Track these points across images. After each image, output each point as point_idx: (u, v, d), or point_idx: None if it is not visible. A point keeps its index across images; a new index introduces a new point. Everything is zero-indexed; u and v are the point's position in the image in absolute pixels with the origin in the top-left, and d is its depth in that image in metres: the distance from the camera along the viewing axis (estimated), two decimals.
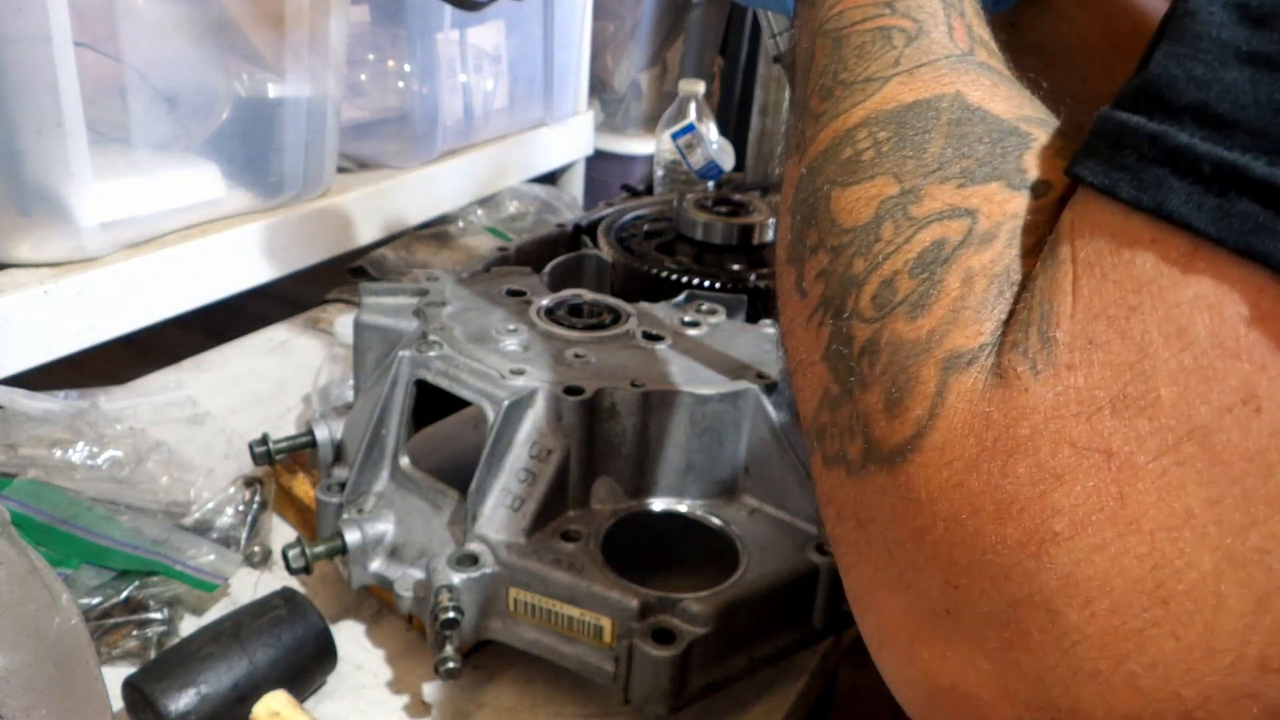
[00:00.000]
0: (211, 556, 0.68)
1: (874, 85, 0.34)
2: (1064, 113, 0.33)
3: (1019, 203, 0.28)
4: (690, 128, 1.19)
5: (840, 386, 0.29)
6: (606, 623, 0.55)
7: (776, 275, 0.35)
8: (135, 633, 0.63)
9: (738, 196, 0.89)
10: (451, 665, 0.55)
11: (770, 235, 0.85)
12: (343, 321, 0.84)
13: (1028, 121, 0.31)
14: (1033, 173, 0.29)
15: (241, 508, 0.73)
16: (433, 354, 0.63)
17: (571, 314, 0.71)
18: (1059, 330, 0.24)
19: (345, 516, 0.62)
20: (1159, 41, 0.25)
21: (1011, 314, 0.26)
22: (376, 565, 0.62)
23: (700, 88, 1.23)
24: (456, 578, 0.55)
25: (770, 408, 0.61)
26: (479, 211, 1.30)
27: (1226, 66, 0.23)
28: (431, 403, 0.64)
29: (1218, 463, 0.21)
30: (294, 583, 0.69)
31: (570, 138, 1.46)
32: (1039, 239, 0.27)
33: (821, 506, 0.31)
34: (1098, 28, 0.55)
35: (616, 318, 0.70)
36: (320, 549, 0.61)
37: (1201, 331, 0.22)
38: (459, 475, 0.61)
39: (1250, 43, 0.23)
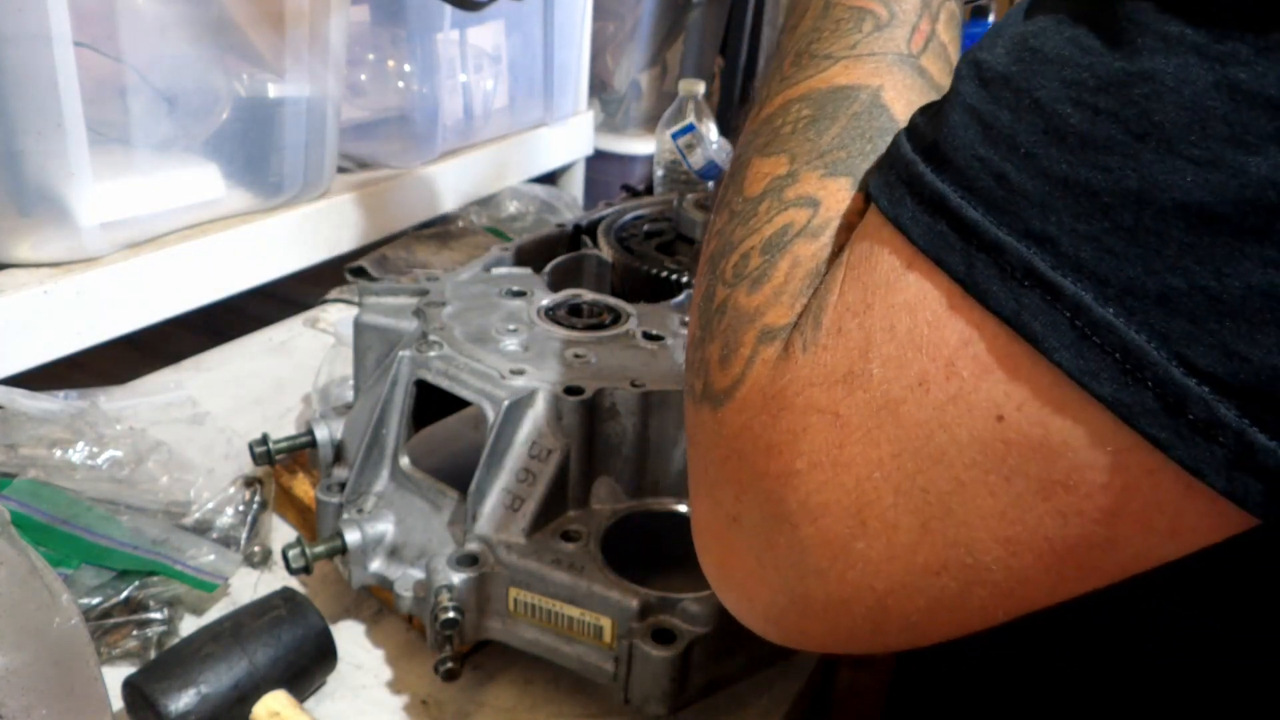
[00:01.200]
0: (211, 556, 0.68)
1: (826, 64, 0.38)
2: None
3: (856, 202, 0.33)
4: (690, 128, 1.19)
5: (701, 333, 0.35)
6: (606, 623, 0.55)
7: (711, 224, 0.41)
8: (135, 633, 0.63)
9: None
10: (451, 665, 0.55)
11: None
12: (343, 321, 0.84)
13: None
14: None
15: (241, 508, 0.73)
16: (433, 354, 0.63)
17: (571, 314, 0.71)
18: (824, 317, 0.30)
19: (345, 516, 0.62)
20: None
21: (809, 301, 0.32)
22: (376, 565, 0.62)
23: (700, 88, 1.23)
24: (456, 578, 0.55)
25: None
26: (479, 211, 1.30)
27: (955, 111, 0.29)
28: (431, 403, 0.64)
29: (900, 427, 0.28)
30: (294, 583, 0.69)
31: (570, 138, 1.46)
32: (848, 240, 0.32)
33: (685, 425, 0.37)
34: None
35: (616, 318, 0.70)
36: (320, 549, 0.61)
37: (903, 329, 0.28)
38: (459, 475, 0.61)
39: (971, 96, 0.29)
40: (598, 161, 1.55)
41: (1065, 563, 0.28)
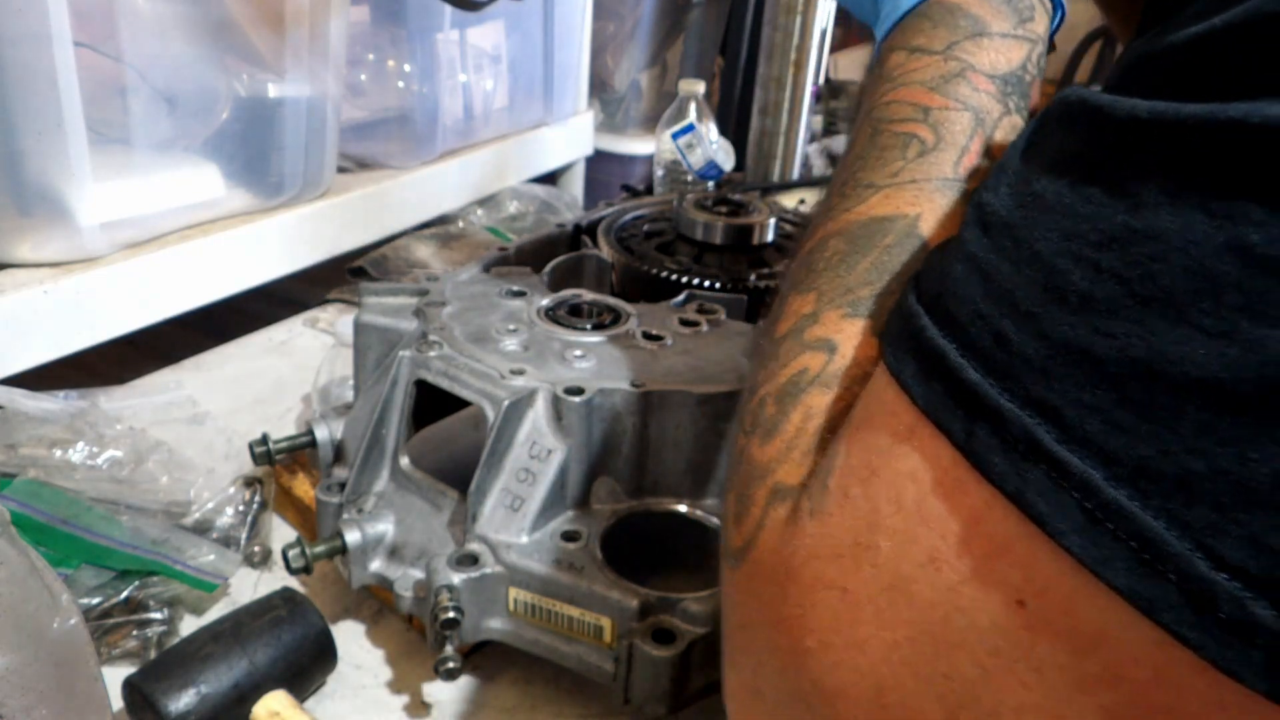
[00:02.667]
0: (211, 556, 0.68)
1: (868, 193, 0.35)
2: None
3: (866, 348, 0.31)
4: (690, 128, 1.19)
5: (726, 483, 0.33)
6: (606, 623, 0.55)
7: None
8: (135, 633, 0.63)
9: (738, 196, 0.89)
10: (451, 665, 0.55)
11: (770, 235, 0.85)
12: (343, 321, 0.84)
13: None
14: None
15: (241, 508, 0.73)
16: (433, 354, 0.63)
17: (571, 314, 0.71)
18: (832, 480, 0.28)
19: (345, 516, 0.62)
20: None
21: (821, 459, 0.29)
22: (376, 565, 0.62)
23: (700, 88, 1.23)
24: (456, 578, 0.55)
25: None
26: (479, 211, 1.30)
27: (958, 260, 0.27)
28: (431, 403, 0.64)
29: (914, 608, 0.26)
30: (294, 583, 0.69)
31: (570, 138, 1.46)
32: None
33: None
34: None
35: (616, 318, 0.70)
36: (320, 549, 0.61)
37: (909, 499, 0.26)
38: (459, 475, 0.61)
39: (974, 244, 0.27)
40: (598, 161, 1.55)
41: None
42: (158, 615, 0.64)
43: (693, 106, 1.22)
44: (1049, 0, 0.39)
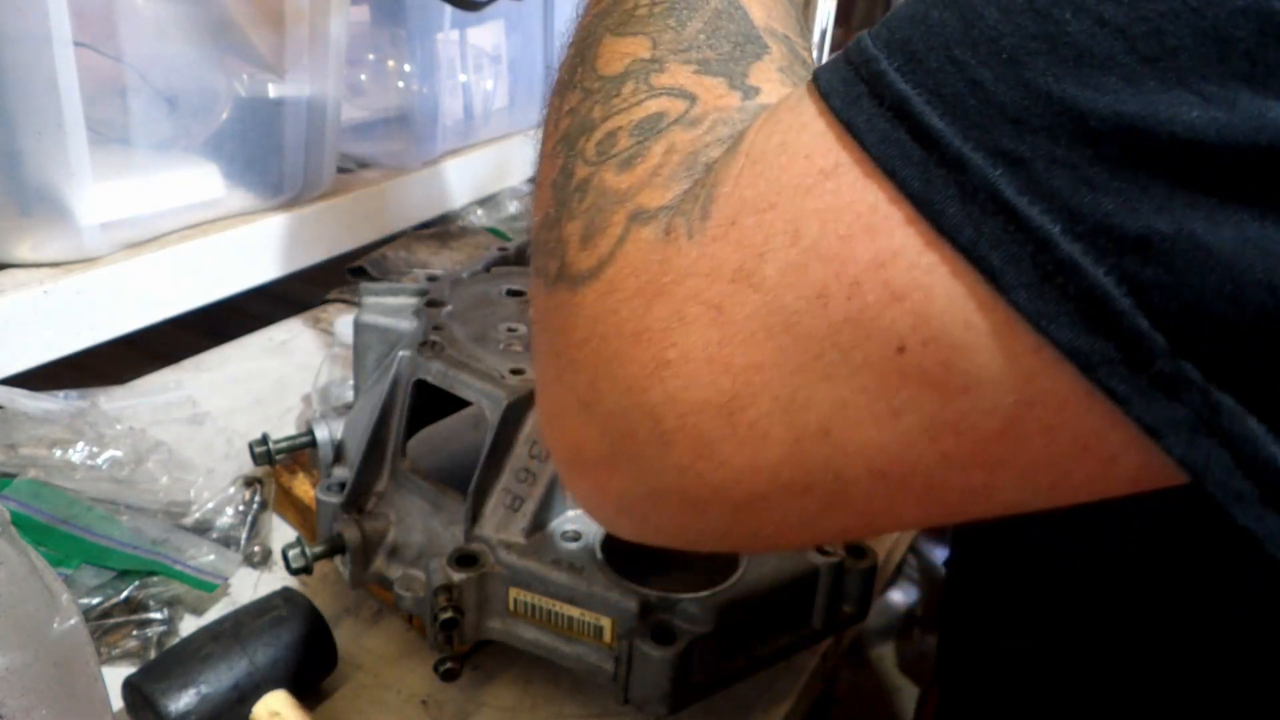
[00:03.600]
0: (211, 556, 0.68)
1: None
2: None
3: (731, 100, 0.32)
4: None
5: (556, 212, 0.34)
6: (606, 623, 0.55)
7: (549, 108, 0.39)
8: (135, 633, 0.63)
9: None
10: (451, 665, 0.55)
11: None
12: (343, 321, 0.84)
13: (770, 34, 0.35)
14: (752, 79, 0.33)
15: (241, 508, 0.73)
16: (433, 354, 0.63)
17: None
18: (714, 207, 0.28)
19: (345, 516, 0.62)
20: None
21: (691, 187, 0.30)
22: (376, 565, 0.62)
23: None
24: (456, 578, 0.55)
25: None
26: (479, 211, 1.30)
27: (933, 9, 0.26)
28: (431, 403, 0.64)
29: (790, 336, 0.26)
30: (294, 583, 0.69)
31: None
32: (730, 132, 0.31)
33: (531, 309, 0.36)
34: None
35: None
36: (320, 549, 0.61)
37: (809, 235, 0.26)
38: (459, 475, 0.61)
39: None
40: None
41: (936, 503, 0.27)
42: (158, 615, 0.64)
43: None
44: None
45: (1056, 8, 0.23)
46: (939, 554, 1.30)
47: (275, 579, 0.70)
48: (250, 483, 0.75)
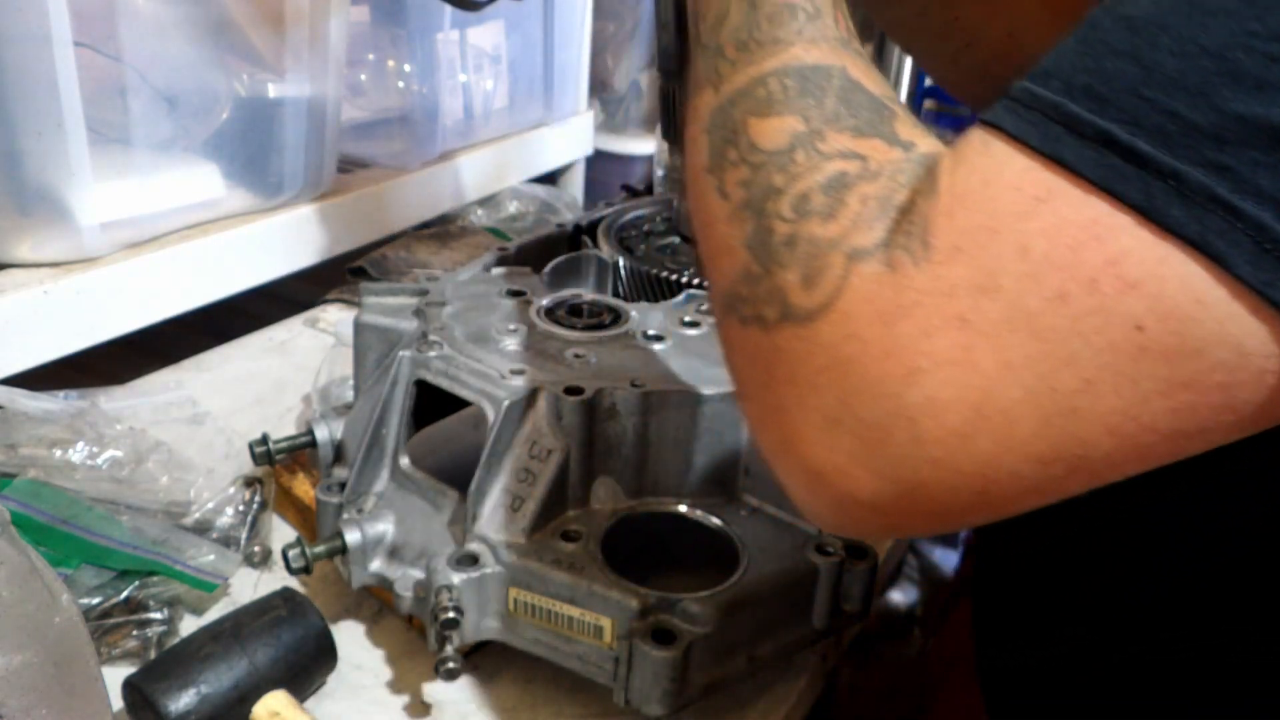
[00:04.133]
0: (211, 556, 0.68)
1: (781, 45, 0.42)
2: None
3: (895, 154, 0.38)
4: None
5: (761, 267, 0.38)
6: (606, 623, 0.55)
7: (692, 182, 0.44)
8: (135, 633, 0.63)
9: None
10: (451, 665, 0.55)
11: None
12: (343, 321, 0.84)
13: (889, 99, 0.41)
14: (903, 135, 0.39)
15: (241, 508, 0.73)
16: (433, 354, 0.63)
17: (571, 314, 0.71)
18: (934, 239, 0.34)
19: (345, 516, 0.62)
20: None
21: (897, 226, 0.35)
22: (376, 565, 0.62)
23: None
24: (456, 578, 0.55)
25: None
26: (479, 211, 1.30)
27: (1106, 58, 0.32)
28: (432, 403, 0.64)
29: (1034, 334, 0.32)
30: (294, 583, 0.69)
31: (570, 138, 1.46)
32: (908, 179, 0.37)
33: (730, 356, 0.41)
34: None
35: (616, 318, 0.70)
36: (320, 549, 0.61)
37: (1038, 250, 0.32)
38: (459, 475, 0.61)
39: (1123, 43, 0.32)
40: (598, 161, 1.54)
41: (1158, 449, 0.33)
42: (158, 615, 0.64)
43: None
44: None
45: (1229, 51, 0.30)
46: (939, 555, 1.30)
47: (275, 579, 0.70)
48: (250, 483, 0.75)
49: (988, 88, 0.76)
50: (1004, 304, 0.32)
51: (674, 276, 0.80)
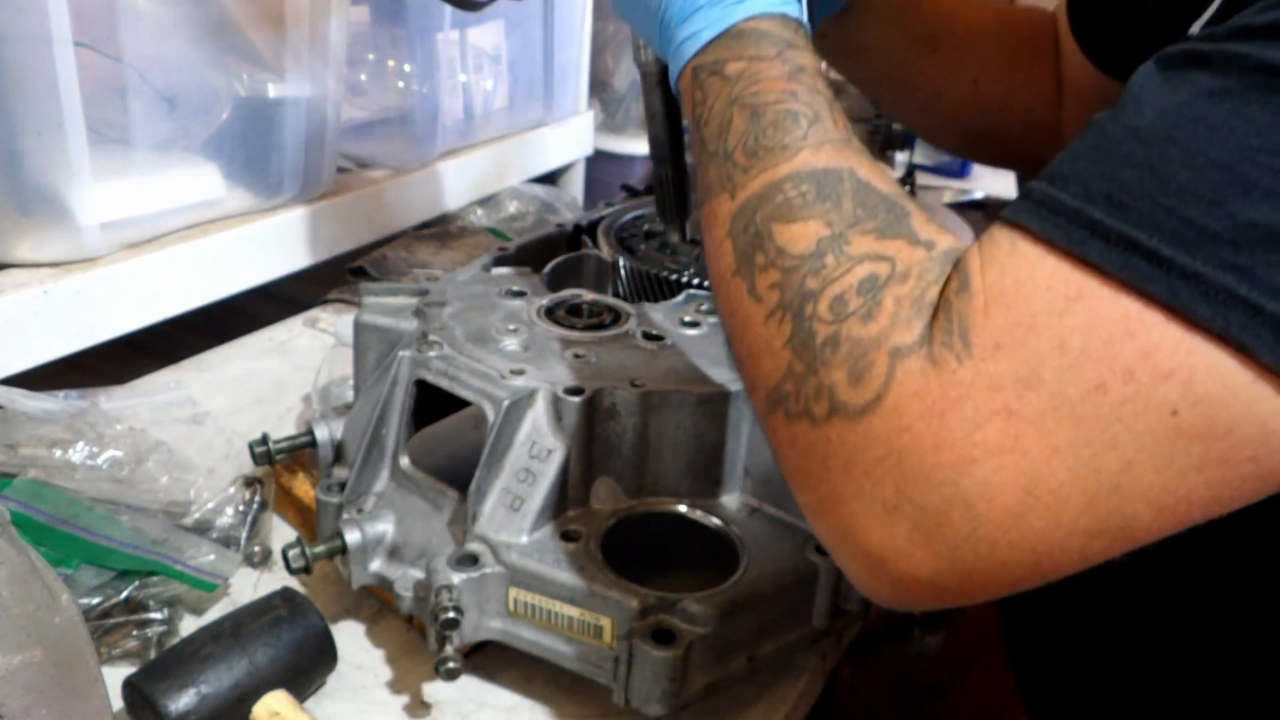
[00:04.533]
0: (211, 556, 0.68)
1: (790, 151, 0.45)
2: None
3: (919, 254, 0.41)
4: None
5: (805, 366, 0.40)
6: (606, 623, 0.55)
7: (719, 284, 0.46)
8: (135, 633, 0.63)
9: None
10: (451, 665, 0.55)
11: None
12: (343, 321, 0.84)
13: (899, 195, 0.44)
14: (922, 234, 0.42)
15: (241, 508, 0.73)
16: (433, 354, 0.63)
17: (571, 314, 0.71)
18: (975, 337, 0.36)
19: (345, 516, 0.62)
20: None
21: (935, 324, 0.38)
22: (376, 565, 0.62)
23: None
24: (456, 578, 0.55)
25: None
26: (479, 211, 1.30)
27: (1124, 168, 0.35)
28: (432, 403, 0.64)
29: (1077, 421, 0.35)
30: (294, 583, 0.69)
31: (570, 138, 1.46)
32: (935, 277, 0.39)
33: (779, 448, 0.43)
34: (891, 31, 0.74)
35: (616, 318, 0.70)
36: (320, 549, 0.61)
37: (1075, 345, 0.35)
38: (459, 475, 0.61)
39: (1137, 155, 0.35)
40: (598, 161, 1.54)
41: (1194, 515, 0.36)
42: (158, 615, 0.64)
43: None
44: (801, 24, 0.51)
45: (1236, 163, 0.33)
46: None
47: (275, 579, 0.70)
48: (250, 483, 0.75)
49: (956, 132, 0.84)
50: (1047, 395, 0.35)
51: (674, 276, 0.80)
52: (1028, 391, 0.35)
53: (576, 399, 0.58)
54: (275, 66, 0.93)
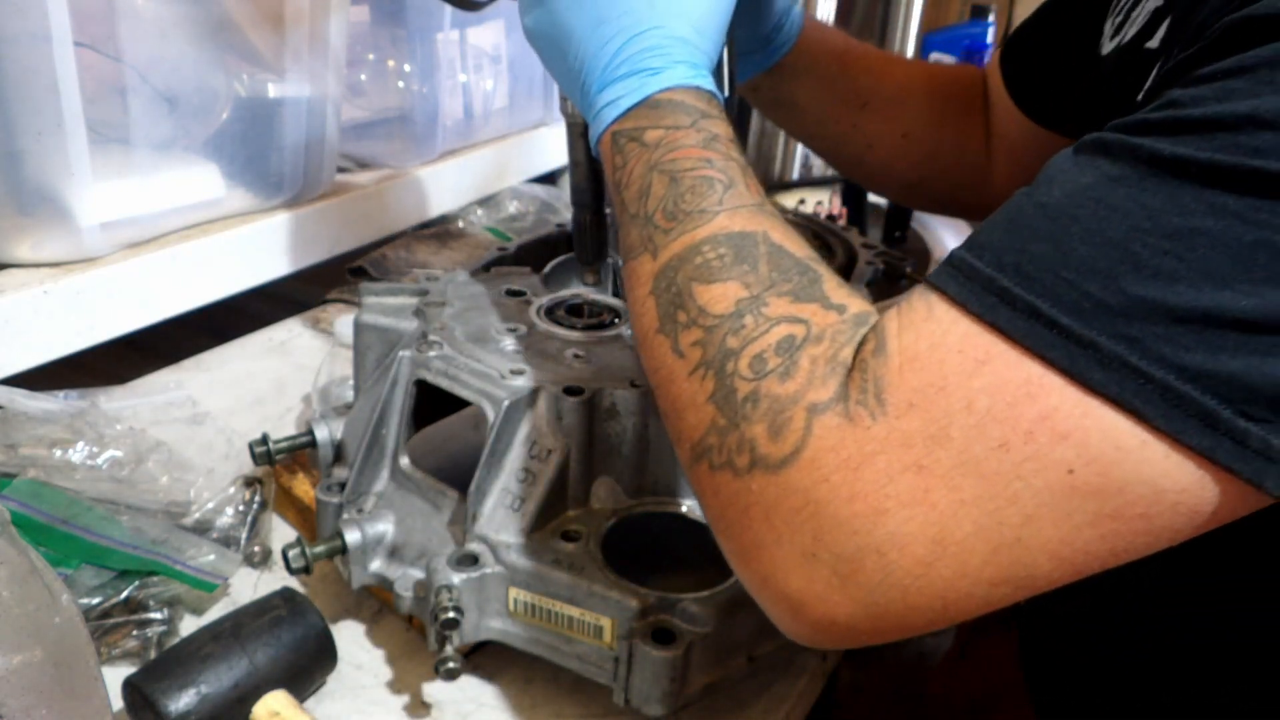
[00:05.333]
0: (211, 556, 0.68)
1: (708, 215, 0.47)
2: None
3: (833, 317, 0.43)
4: None
5: (728, 420, 0.42)
6: (606, 623, 0.55)
7: (643, 341, 0.48)
8: (135, 633, 0.63)
9: None
10: (451, 665, 0.55)
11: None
12: (343, 321, 0.84)
13: (812, 260, 0.46)
14: (833, 298, 0.44)
15: (241, 508, 0.73)
16: (433, 354, 0.63)
17: (571, 314, 0.71)
18: (889, 396, 0.39)
19: (345, 516, 0.62)
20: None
21: (850, 382, 0.40)
22: (376, 565, 0.62)
23: None
24: (456, 578, 0.55)
25: None
26: (479, 211, 1.30)
27: (1032, 241, 0.38)
28: (432, 403, 0.64)
29: (982, 477, 0.37)
30: (294, 583, 0.69)
31: None
32: (847, 339, 0.42)
33: (703, 497, 0.45)
34: (821, 89, 0.78)
35: (616, 317, 0.70)
36: (320, 549, 0.61)
37: (981, 406, 0.37)
38: (459, 475, 0.61)
39: (1042, 229, 0.38)
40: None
41: (1092, 566, 0.38)
42: (158, 615, 0.64)
43: None
44: (715, 94, 0.53)
45: (1130, 244, 0.36)
46: None
47: (275, 579, 0.70)
48: (250, 483, 0.75)
49: (890, 182, 0.90)
50: (955, 452, 0.37)
51: None
52: (937, 448, 0.37)
53: (576, 399, 0.58)
54: (275, 66, 0.93)
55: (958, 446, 0.37)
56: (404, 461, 0.63)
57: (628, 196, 0.51)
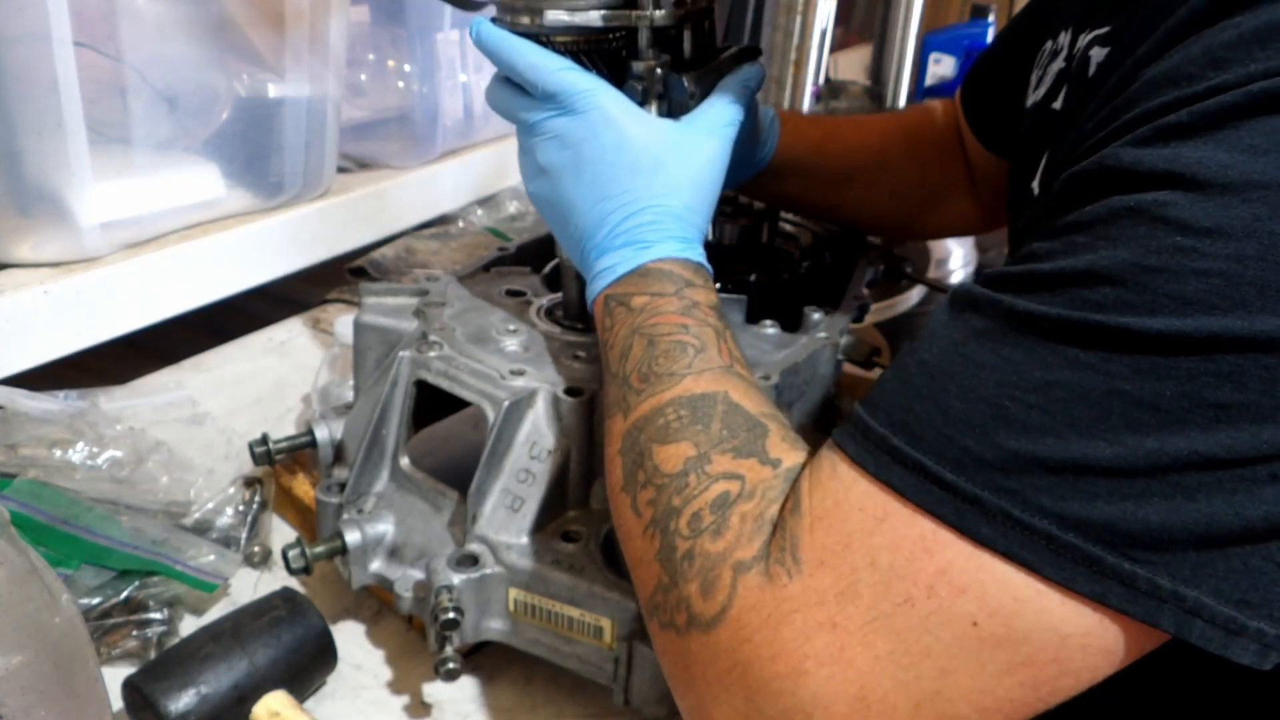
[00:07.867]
0: (211, 556, 0.68)
1: (676, 378, 0.49)
2: None
3: (766, 472, 0.44)
4: None
5: (669, 578, 0.43)
6: (606, 623, 0.55)
7: (611, 498, 0.50)
8: (135, 633, 0.63)
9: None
10: (451, 665, 0.55)
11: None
12: (343, 321, 0.84)
13: (765, 415, 0.47)
14: (772, 453, 0.45)
15: (241, 508, 0.73)
16: (433, 354, 0.63)
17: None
18: (803, 554, 0.40)
19: (345, 517, 0.62)
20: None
21: (772, 540, 0.41)
22: (376, 565, 0.62)
23: None
24: (456, 578, 0.55)
25: None
26: (479, 211, 1.30)
27: (916, 399, 0.39)
28: (432, 403, 0.64)
29: (893, 633, 0.37)
30: (294, 583, 0.69)
31: None
32: (777, 494, 0.43)
33: (659, 655, 0.45)
34: (806, 180, 0.80)
35: None
36: (320, 549, 0.61)
37: (884, 563, 0.38)
38: (459, 475, 0.61)
39: (925, 387, 0.39)
40: None
41: (1018, 711, 0.38)
42: (158, 615, 0.64)
43: None
44: (702, 265, 0.56)
45: (1000, 399, 0.37)
46: None
47: (275, 579, 0.70)
48: (250, 483, 0.75)
49: (887, 229, 0.91)
50: (864, 608, 0.38)
51: None
52: (848, 605, 0.38)
53: (576, 399, 0.58)
54: (275, 66, 0.93)
55: (866, 603, 0.38)
56: (404, 462, 0.63)
57: (611, 357, 0.53)
